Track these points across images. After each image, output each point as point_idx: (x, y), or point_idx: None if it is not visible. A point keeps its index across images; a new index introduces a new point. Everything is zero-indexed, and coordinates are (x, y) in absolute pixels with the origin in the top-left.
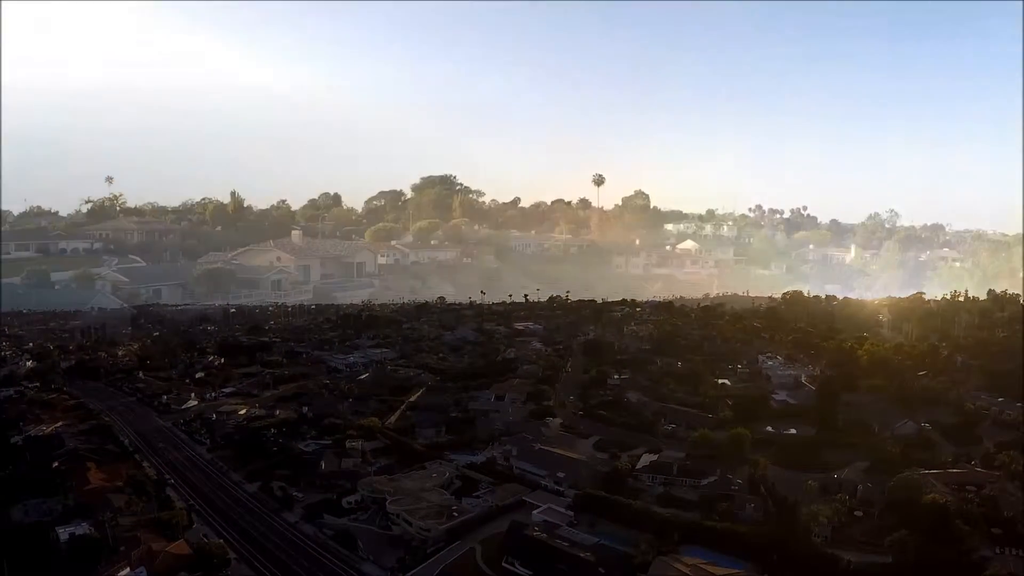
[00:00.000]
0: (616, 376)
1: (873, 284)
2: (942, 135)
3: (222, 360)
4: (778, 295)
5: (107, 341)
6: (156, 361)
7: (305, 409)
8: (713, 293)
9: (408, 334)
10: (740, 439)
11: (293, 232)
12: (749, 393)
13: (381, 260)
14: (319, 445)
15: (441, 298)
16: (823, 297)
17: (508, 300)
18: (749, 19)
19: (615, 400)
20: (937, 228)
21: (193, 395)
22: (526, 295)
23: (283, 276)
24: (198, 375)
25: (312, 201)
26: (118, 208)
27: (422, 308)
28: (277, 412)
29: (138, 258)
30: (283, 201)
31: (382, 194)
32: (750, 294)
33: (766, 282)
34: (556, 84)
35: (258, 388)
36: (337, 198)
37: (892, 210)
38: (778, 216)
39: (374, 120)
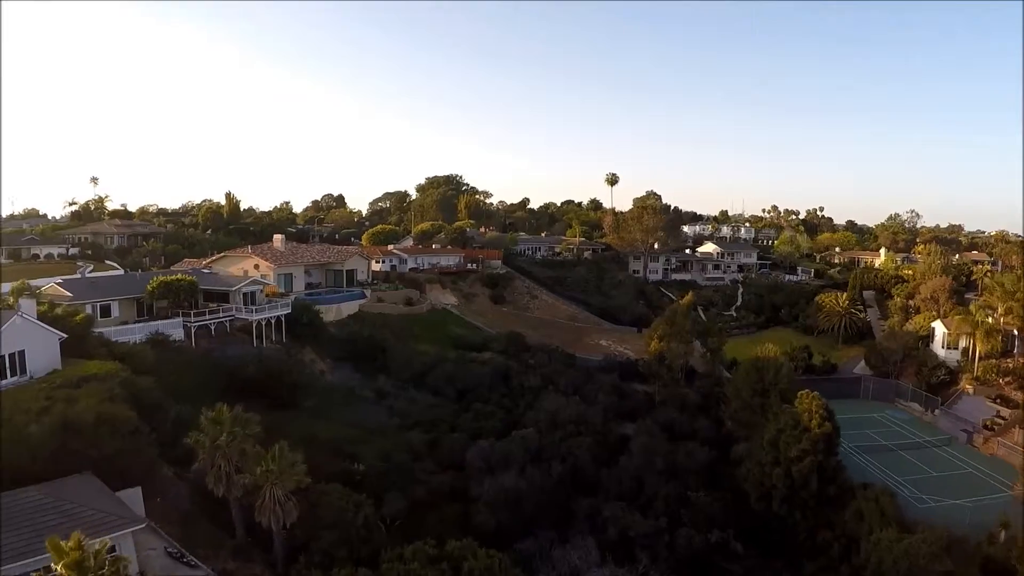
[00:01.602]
0: None
1: (915, 291)
2: (939, 132)
3: None
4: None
5: None
6: None
7: None
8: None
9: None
10: None
11: (275, 236)
12: None
13: (376, 266)
14: None
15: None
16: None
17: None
18: (756, 20)
19: None
20: (956, 229)
21: None
22: None
23: (257, 288)
24: None
25: (315, 202)
26: (105, 210)
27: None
28: None
29: (116, 264)
30: (287, 202)
31: (387, 195)
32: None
33: (794, 288)
34: (567, 82)
35: None
36: (341, 199)
37: (913, 210)
38: (794, 217)
39: (383, 118)
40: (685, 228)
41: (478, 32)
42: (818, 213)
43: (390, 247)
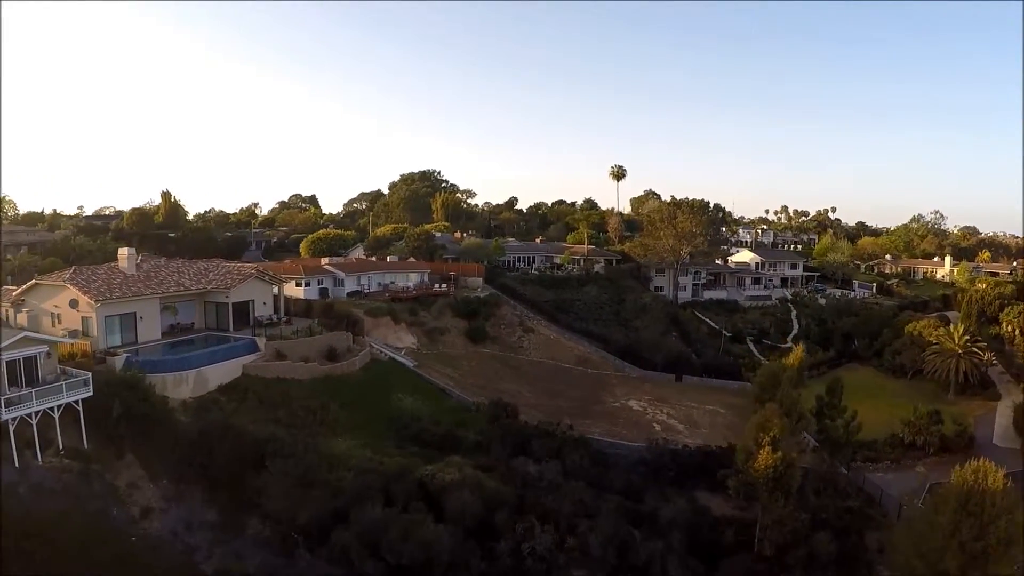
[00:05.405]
0: None
1: None
2: (941, 132)
3: None
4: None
5: None
6: None
7: None
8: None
9: None
10: None
11: (120, 251)
12: None
13: (297, 291)
14: None
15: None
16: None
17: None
18: (757, 18)
19: None
20: (972, 231)
21: None
22: None
23: (38, 351)
24: None
25: (282, 203)
26: (6, 215)
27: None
28: None
29: None
30: (255, 204)
31: (363, 195)
32: None
33: (867, 312)
34: (557, 80)
35: None
36: (313, 199)
37: (937, 211)
38: (803, 219)
39: (363, 117)
40: None
41: (464, 30)
42: (829, 215)
43: (324, 261)
